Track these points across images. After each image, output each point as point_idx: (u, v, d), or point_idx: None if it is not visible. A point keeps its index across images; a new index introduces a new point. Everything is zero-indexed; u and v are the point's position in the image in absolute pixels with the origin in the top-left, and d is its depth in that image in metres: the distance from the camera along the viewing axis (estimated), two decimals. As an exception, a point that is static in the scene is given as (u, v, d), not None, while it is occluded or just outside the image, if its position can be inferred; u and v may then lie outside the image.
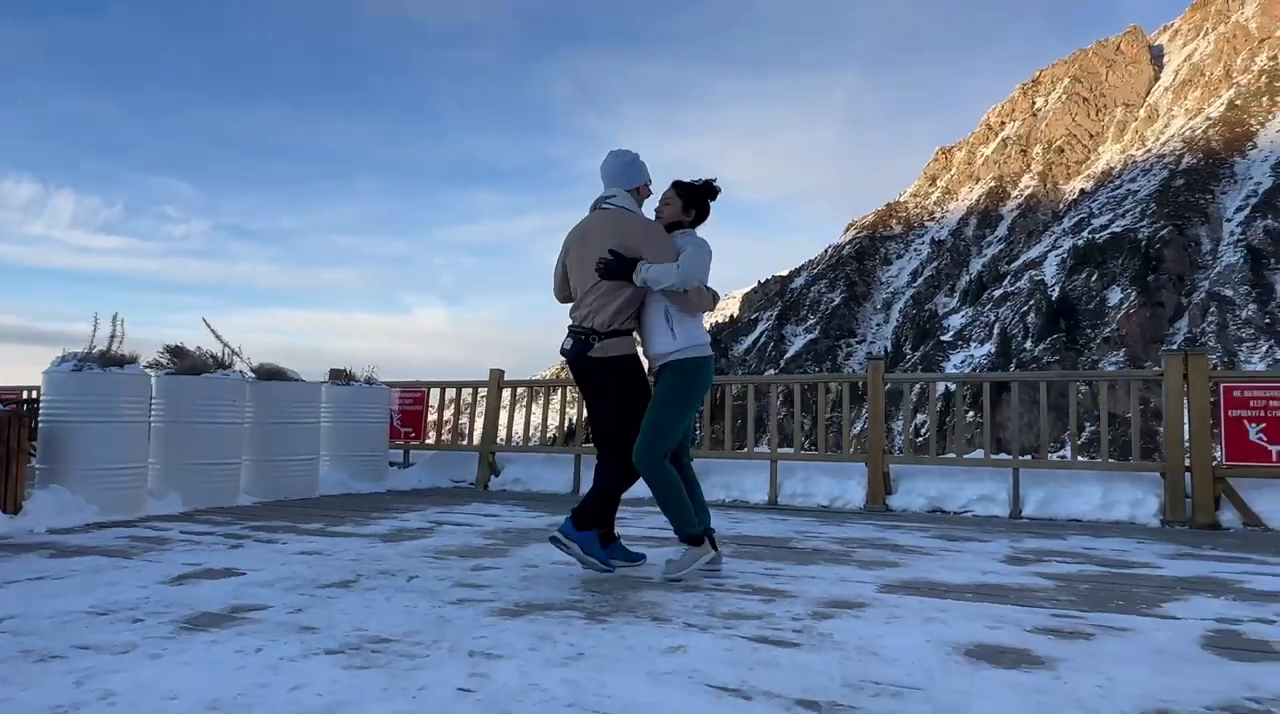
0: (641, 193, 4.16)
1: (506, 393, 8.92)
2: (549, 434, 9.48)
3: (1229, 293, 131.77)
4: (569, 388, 8.56)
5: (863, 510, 6.96)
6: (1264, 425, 5.96)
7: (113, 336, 6.22)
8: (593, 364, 4.01)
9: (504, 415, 8.85)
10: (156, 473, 6.52)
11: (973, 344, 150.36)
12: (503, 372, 8.98)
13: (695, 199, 4.10)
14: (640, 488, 4.06)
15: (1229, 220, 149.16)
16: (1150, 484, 6.39)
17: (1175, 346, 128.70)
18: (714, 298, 4.12)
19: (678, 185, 4.15)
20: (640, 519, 5.97)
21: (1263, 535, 5.76)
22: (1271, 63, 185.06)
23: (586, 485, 8.22)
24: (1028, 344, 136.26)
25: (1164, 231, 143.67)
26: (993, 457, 6.80)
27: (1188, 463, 6.14)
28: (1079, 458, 6.72)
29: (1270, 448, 5.94)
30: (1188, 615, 3.27)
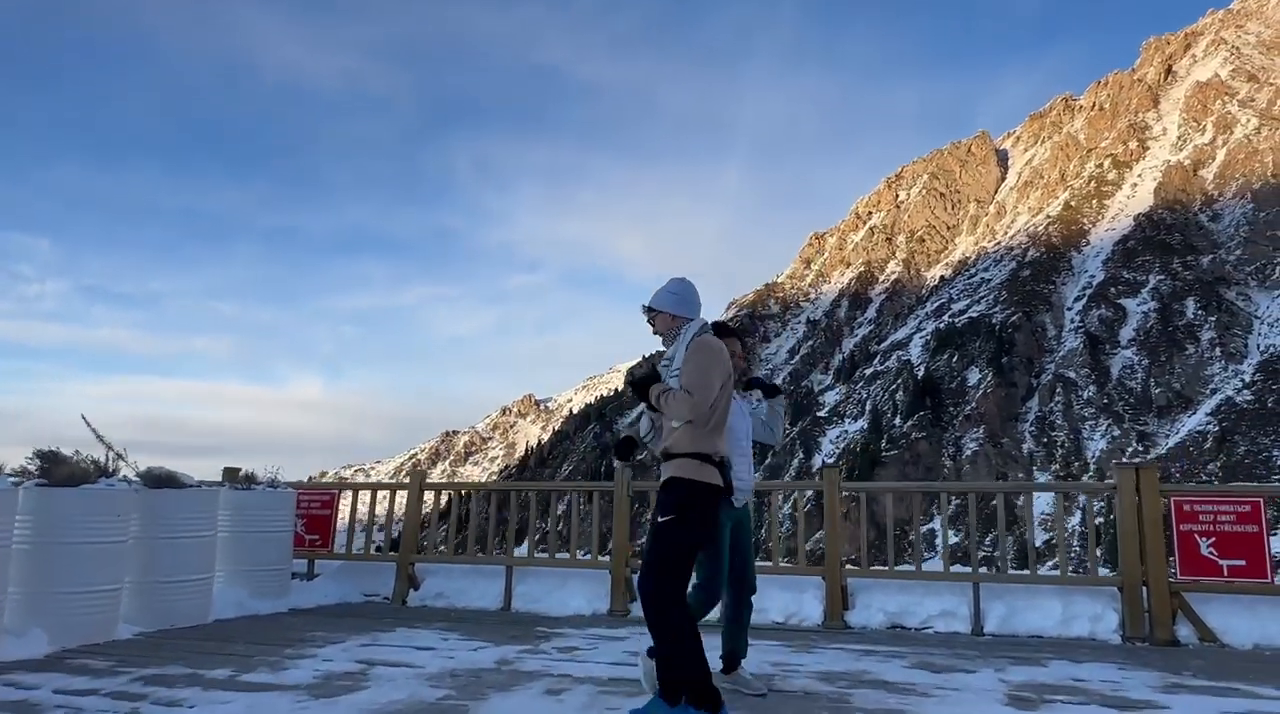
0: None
1: (429, 496, 8.17)
2: (473, 539, 8.72)
3: (1072, 375, 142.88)
4: (494, 493, 7.91)
5: (821, 628, 6.62)
6: (1214, 540, 6.06)
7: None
8: None
9: (425, 514, 8.08)
10: (16, 604, 5.45)
11: (846, 420, 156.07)
12: (425, 473, 8.29)
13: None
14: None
15: (1069, 308, 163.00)
16: (1108, 598, 6.37)
17: (1028, 423, 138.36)
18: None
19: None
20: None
21: (1222, 652, 5.78)
22: (1099, 170, 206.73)
23: (519, 600, 7.55)
24: (897, 420, 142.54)
25: (1014, 317, 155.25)
26: (952, 570, 6.67)
27: (1144, 577, 6.16)
28: (1038, 570, 6.65)
29: (1221, 563, 6.03)
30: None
